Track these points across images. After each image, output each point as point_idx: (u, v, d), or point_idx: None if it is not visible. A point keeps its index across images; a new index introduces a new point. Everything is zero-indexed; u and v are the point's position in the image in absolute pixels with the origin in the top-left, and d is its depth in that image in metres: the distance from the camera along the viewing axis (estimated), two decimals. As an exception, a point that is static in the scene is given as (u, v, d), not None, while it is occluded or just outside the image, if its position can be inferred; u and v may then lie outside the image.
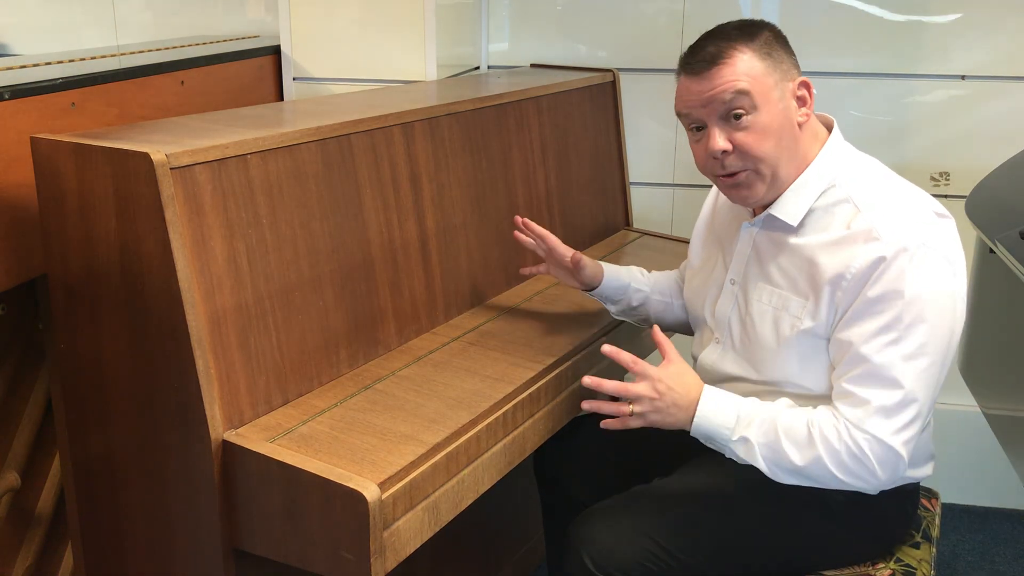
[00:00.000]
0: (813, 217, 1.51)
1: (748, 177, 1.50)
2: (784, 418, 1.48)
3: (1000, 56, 2.54)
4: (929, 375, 1.43)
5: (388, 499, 1.31)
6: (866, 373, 1.42)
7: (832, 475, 1.44)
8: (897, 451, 1.42)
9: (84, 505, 1.58)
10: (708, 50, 1.48)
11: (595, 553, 1.54)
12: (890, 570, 1.58)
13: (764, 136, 1.47)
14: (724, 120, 1.48)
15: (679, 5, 2.67)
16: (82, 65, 2.02)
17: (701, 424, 1.50)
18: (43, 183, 1.44)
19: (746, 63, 1.46)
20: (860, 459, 1.42)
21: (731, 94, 1.45)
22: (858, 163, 1.55)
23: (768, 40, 1.49)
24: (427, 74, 2.40)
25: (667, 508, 1.59)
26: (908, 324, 1.41)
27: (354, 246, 1.65)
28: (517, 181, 2.12)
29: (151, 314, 1.38)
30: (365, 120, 1.68)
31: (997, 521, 2.76)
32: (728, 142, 1.48)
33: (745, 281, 1.60)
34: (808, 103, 1.51)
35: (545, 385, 1.71)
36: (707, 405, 1.50)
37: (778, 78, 1.48)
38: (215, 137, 1.45)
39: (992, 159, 2.19)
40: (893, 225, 1.43)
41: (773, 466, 1.47)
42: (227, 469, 1.38)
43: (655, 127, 2.75)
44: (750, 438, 1.47)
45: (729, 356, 1.62)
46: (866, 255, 1.42)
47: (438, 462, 1.42)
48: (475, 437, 1.50)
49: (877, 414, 1.42)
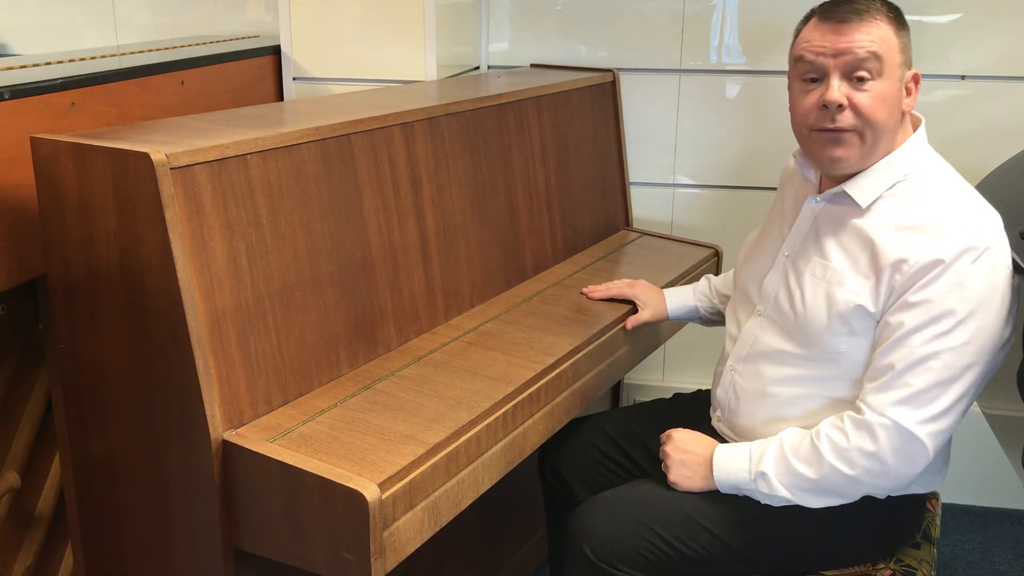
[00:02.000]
0: (881, 203, 1.52)
1: (851, 138, 1.50)
2: (789, 439, 1.50)
3: (1000, 56, 2.54)
4: (970, 375, 1.43)
5: (388, 499, 1.31)
6: (906, 358, 1.43)
7: (846, 477, 1.45)
8: (920, 439, 1.42)
9: (84, 505, 1.58)
10: (856, 4, 1.49)
11: (595, 543, 1.55)
12: (890, 570, 1.59)
13: (880, 104, 1.48)
14: (847, 77, 1.48)
15: (679, 5, 2.67)
16: (82, 65, 2.02)
17: (722, 477, 1.55)
18: (43, 183, 1.44)
19: (886, 31, 1.48)
20: (864, 448, 1.43)
21: (867, 53, 1.47)
22: (936, 164, 1.57)
23: (905, 24, 1.52)
24: (427, 74, 2.40)
25: (668, 499, 1.59)
26: (960, 320, 1.41)
27: (354, 246, 1.65)
28: (517, 181, 2.12)
29: (151, 314, 1.38)
30: (365, 120, 1.68)
31: (997, 521, 2.76)
32: (845, 98, 1.48)
33: (798, 256, 1.61)
34: (913, 95, 1.53)
35: (545, 385, 1.71)
36: (721, 455, 1.56)
37: (903, 59, 1.51)
38: (215, 137, 1.45)
39: (992, 159, 2.19)
40: (961, 224, 1.44)
41: (796, 490, 1.49)
42: (227, 469, 1.38)
43: (655, 127, 2.75)
44: (766, 471, 1.50)
45: (772, 329, 1.63)
46: (930, 247, 1.43)
47: (438, 462, 1.42)
48: (475, 437, 1.50)
49: (904, 402, 1.42)
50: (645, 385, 2.88)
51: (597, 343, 1.90)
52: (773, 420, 1.60)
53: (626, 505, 1.59)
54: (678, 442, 1.62)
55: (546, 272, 2.21)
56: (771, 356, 1.61)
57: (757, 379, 1.63)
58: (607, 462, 1.85)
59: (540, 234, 2.19)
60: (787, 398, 1.58)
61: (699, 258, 2.45)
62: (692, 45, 2.68)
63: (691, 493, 1.59)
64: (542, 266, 2.21)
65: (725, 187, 2.75)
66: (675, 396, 1.97)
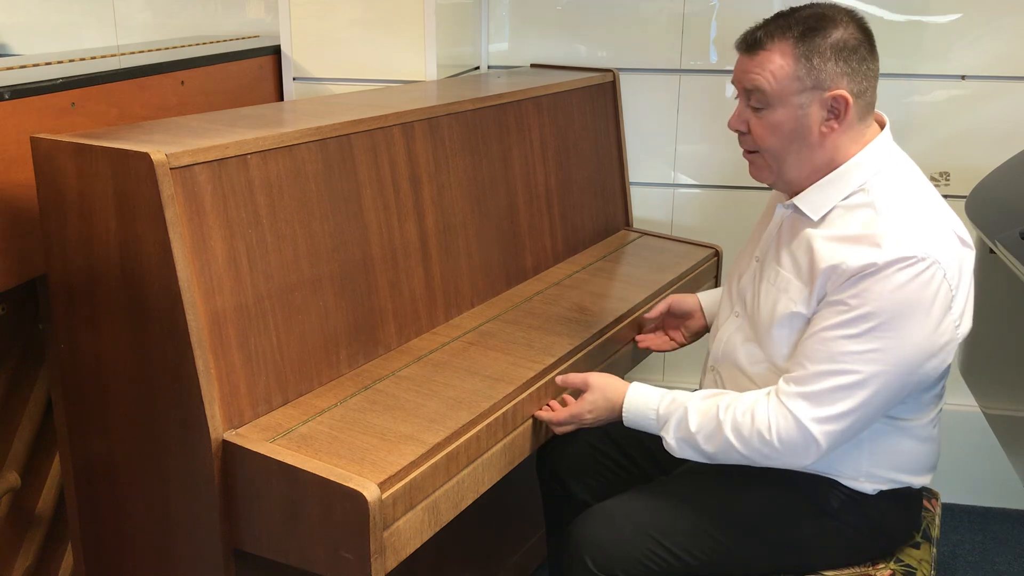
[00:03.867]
0: (835, 214, 1.52)
1: (757, 159, 1.57)
2: (695, 409, 1.53)
3: (1000, 56, 2.54)
4: (879, 381, 1.42)
5: (388, 499, 1.31)
6: (815, 354, 1.44)
7: (740, 454, 1.48)
8: (813, 436, 1.43)
9: (84, 505, 1.58)
10: (757, 34, 1.52)
11: (595, 553, 1.54)
12: (890, 570, 1.59)
13: (771, 132, 1.51)
14: (748, 102, 1.53)
15: (679, 5, 2.67)
16: (82, 65, 2.02)
17: (631, 424, 1.61)
18: (43, 183, 1.44)
19: (776, 63, 1.48)
20: (763, 434, 1.45)
21: (752, 85, 1.50)
22: (896, 170, 1.52)
23: (822, 44, 1.46)
24: (427, 74, 2.40)
25: (667, 507, 1.59)
26: (874, 326, 1.40)
27: (354, 246, 1.65)
28: (517, 181, 2.12)
29: (151, 314, 1.38)
30: (365, 120, 1.68)
31: (997, 521, 2.76)
32: (744, 124, 1.55)
33: (764, 259, 1.63)
34: (841, 115, 1.48)
35: (545, 385, 1.71)
36: (629, 406, 1.60)
37: (808, 85, 1.47)
38: (215, 137, 1.45)
39: (992, 159, 2.19)
40: (901, 236, 1.42)
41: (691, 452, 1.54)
42: (227, 469, 1.38)
43: (655, 127, 2.75)
44: (667, 438, 1.55)
45: (743, 329, 1.64)
46: (862, 256, 1.42)
47: (438, 462, 1.42)
48: (475, 437, 1.50)
49: (806, 396, 1.44)
50: (645, 385, 2.88)
51: (597, 343, 1.90)
52: None
53: (626, 514, 1.59)
54: (594, 413, 1.63)
55: (546, 272, 2.21)
56: (742, 357, 1.62)
57: (735, 380, 1.64)
58: (606, 462, 1.85)
59: (540, 234, 2.19)
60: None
61: (699, 258, 2.45)
62: (692, 45, 2.68)
63: (691, 500, 1.60)
64: (542, 266, 2.21)
65: (725, 187, 2.75)
66: (675, 396, 1.97)
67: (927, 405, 1.55)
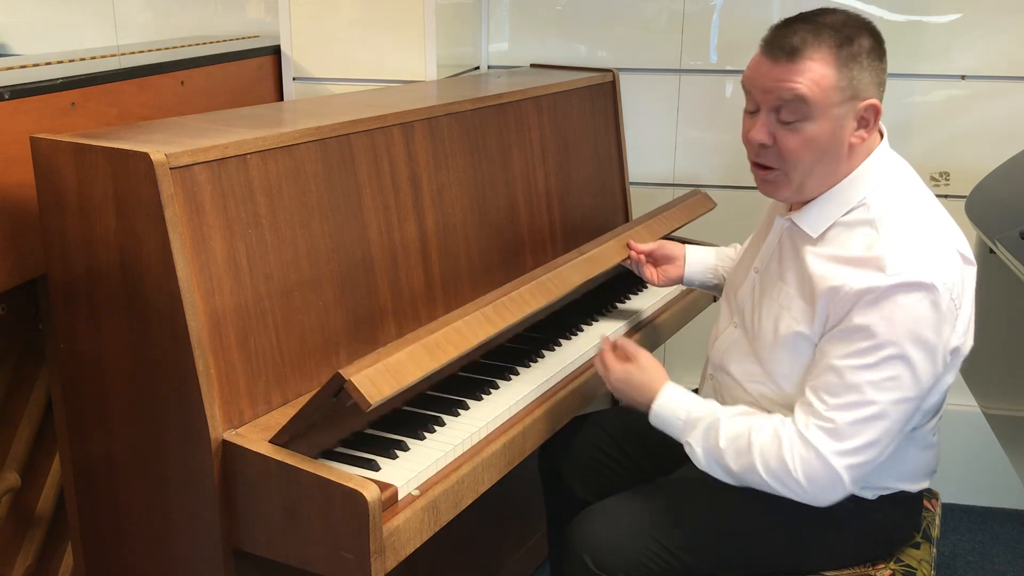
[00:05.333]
0: (835, 231, 1.48)
1: (776, 176, 1.48)
2: (728, 425, 1.49)
3: (1000, 56, 2.54)
4: (897, 410, 1.40)
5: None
6: (831, 387, 1.41)
7: (764, 481, 1.45)
8: (836, 472, 1.40)
9: (84, 505, 1.58)
10: (792, 40, 1.41)
11: (595, 552, 1.54)
12: (890, 570, 1.58)
13: (807, 146, 1.43)
14: (776, 113, 1.44)
15: (679, 5, 2.67)
16: (82, 65, 2.02)
17: (655, 422, 1.56)
18: (43, 183, 1.44)
19: (819, 71, 1.40)
20: (788, 469, 1.41)
21: (792, 95, 1.41)
22: (896, 183, 1.49)
23: (858, 52, 1.41)
24: (427, 74, 2.40)
25: (668, 507, 1.59)
26: (888, 355, 1.38)
27: (354, 246, 1.65)
28: (517, 181, 2.12)
29: (151, 314, 1.38)
30: (365, 120, 1.68)
31: (997, 521, 2.76)
32: (770, 137, 1.44)
33: (765, 273, 1.60)
34: (870, 126, 1.45)
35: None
36: (660, 405, 1.55)
37: (847, 96, 1.42)
38: (215, 137, 1.45)
39: (992, 159, 2.19)
40: (904, 259, 1.39)
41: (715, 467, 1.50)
42: (227, 469, 1.38)
43: (655, 127, 2.75)
44: (692, 444, 1.51)
45: (741, 342, 1.62)
46: (865, 280, 1.39)
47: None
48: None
49: (826, 430, 1.40)
50: (645, 385, 2.88)
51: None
52: None
53: (626, 514, 1.59)
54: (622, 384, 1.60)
55: (546, 272, 2.21)
56: (739, 369, 1.61)
57: (731, 390, 1.63)
58: (607, 461, 1.85)
59: (540, 234, 2.19)
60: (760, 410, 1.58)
61: (699, 258, 2.44)
62: (692, 45, 2.68)
63: (691, 500, 1.60)
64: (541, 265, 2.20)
65: (725, 187, 2.75)
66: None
67: (928, 414, 1.54)
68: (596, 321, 2.02)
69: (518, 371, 1.74)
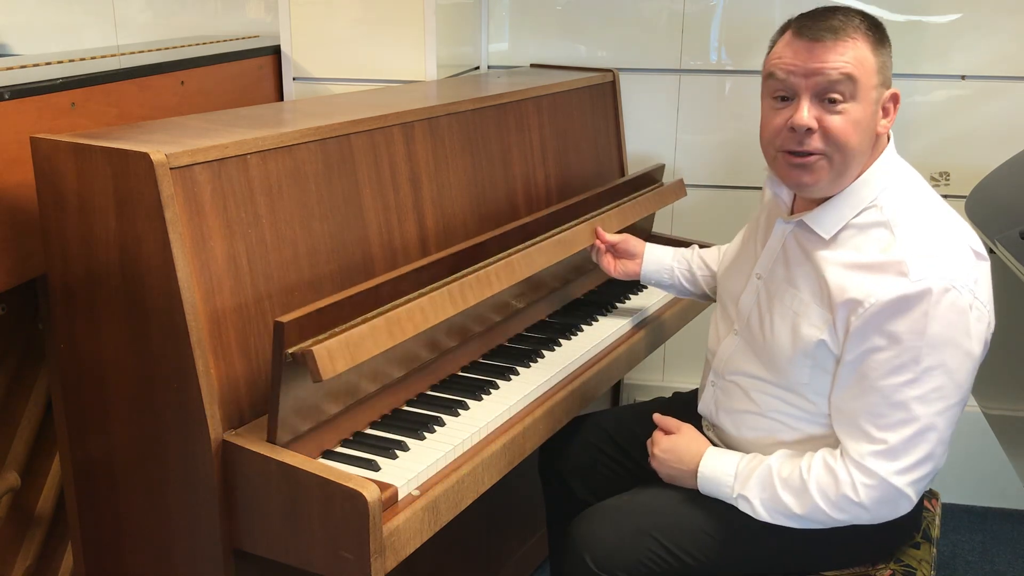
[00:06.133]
0: (847, 234, 1.47)
1: (819, 163, 1.43)
2: (778, 466, 1.49)
3: (1000, 56, 2.54)
4: (944, 419, 1.41)
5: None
6: (876, 409, 1.41)
7: (830, 517, 1.45)
8: (900, 490, 1.41)
9: (84, 505, 1.58)
10: (832, 22, 1.41)
11: (596, 552, 1.54)
12: (890, 570, 1.58)
13: (853, 128, 1.41)
14: (818, 98, 1.41)
15: (679, 5, 2.67)
16: (82, 65, 2.02)
17: (706, 488, 1.55)
18: (43, 183, 1.44)
19: (863, 51, 1.40)
20: (850, 498, 1.42)
21: (840, 75, 1.39)
22: (905, 184, 1.49)
23: (884, 39, 1.45)
24: (427, 74, 2.40)
25: (669, 507, 1.59)
26: (927, 367, 1.38)
27: (354, 246, 1.65)
28: (517, 181, 2.12)
29: (151, 314, 1.38)
30: (365, 120, 1.68)
31: (997, 521, 2.76)
32: (815, 120, 1.42)
33: (770, 279, 1.58)
34: (891, 115, 1.47)
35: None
36: (707, 467, 1.54)
37: (880, 80, 1.43)
38: (215, 137, 1.45)
39: (992, 159, 2.19)
40: (925, 262, 1.38)
41: (779, 516, 1.49)
42: (227, 469, 1.38)
43: (655, 127, 2.75)
44: (748, 496, 1.50)
45: (746, 351, 1.61)
46: (890, 290, 1.37)
47: (438, 462, 1.42)
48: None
49: (881, 454, 1.41)
50: (645, 385, 2.88)
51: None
52: (756, 435, 1.59)
53: (627, 514, 1.59)
54: (666, 454, 1.60)
55: (546, 272, 2.21)
56: (745, 378, 1.60)
57: (735, 398, 1.62)
58: (607, 461, 1.85)
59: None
60: (765, 420, 1.58)
61: (699, 258, 2.44)
62: (692, 45, 2.68)
63: (693, 499, 1.59)
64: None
65: (725, 187, 2.75)
66: (675, 395, 1.96)
67: None
68: (596, 321, 2.02)
69: (518, 371, 1.74)
